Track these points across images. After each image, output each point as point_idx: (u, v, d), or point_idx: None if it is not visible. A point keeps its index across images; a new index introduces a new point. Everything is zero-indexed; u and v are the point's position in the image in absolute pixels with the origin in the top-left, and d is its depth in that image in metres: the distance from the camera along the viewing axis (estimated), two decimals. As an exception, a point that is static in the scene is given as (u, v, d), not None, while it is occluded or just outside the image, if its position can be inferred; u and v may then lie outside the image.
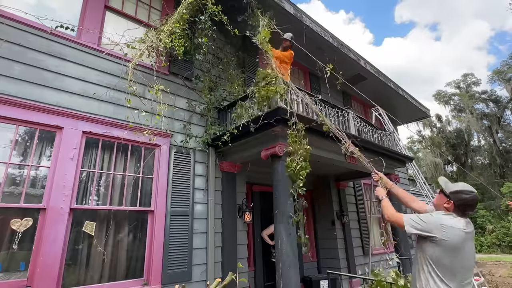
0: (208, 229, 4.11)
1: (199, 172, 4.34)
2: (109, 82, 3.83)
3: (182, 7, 3.95)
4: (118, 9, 4.33)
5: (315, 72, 7.63)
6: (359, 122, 5.40)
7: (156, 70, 4.36)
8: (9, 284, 2.66)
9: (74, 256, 3.14)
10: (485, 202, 24.24)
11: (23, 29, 3.32)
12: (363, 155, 3.49)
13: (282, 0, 5.65)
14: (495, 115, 28.91)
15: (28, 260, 2.82)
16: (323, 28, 6.64)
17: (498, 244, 18.12)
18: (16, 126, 3.04)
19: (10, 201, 2.86)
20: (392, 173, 6.15)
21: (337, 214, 6.69)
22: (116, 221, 3.54)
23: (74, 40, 3.67)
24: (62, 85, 3.42)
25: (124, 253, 3.51)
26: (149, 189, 3.84)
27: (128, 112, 3.88)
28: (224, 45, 5.60)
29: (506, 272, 10.53)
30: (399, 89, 9.57)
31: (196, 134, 4.50)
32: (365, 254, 7.11)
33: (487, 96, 29.77)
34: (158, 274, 3.51)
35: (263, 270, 5.46)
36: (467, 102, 29.60)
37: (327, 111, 4.66)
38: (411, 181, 12.56)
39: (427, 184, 7.89)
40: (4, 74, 3.05)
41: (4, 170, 2.89)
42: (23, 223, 2.84)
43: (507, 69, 27.91)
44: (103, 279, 3.26)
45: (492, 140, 28.25)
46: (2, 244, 2.77)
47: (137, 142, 3.85)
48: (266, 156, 3.79)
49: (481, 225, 20.08)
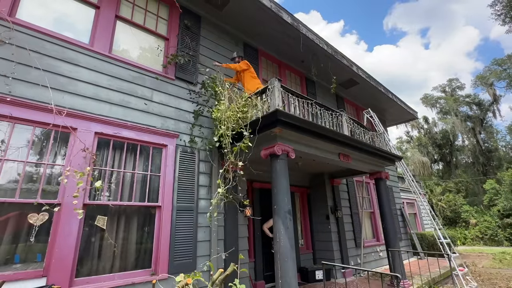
0: (211, 223, 4.11)
1: (203, 170, 4.34)
2: (119, 86, 3.83)
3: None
4: (127, 19, 4.33)
5: (310, 77, 7.64)
6: (351, 123, 5.40)
7: (163, 75, 4.38)
8: (26, 274, 2.66)
9: (87, 248, 3.14)
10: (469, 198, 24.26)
11: (40, 37, 3.32)
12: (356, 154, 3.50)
13: (280, 11, 5.65)
14: (478, 117, 28.94)
15: (44, 252, 2.83)
16: (318, 36, 6.64)
17: (481, 237, 18.11)
18: (33, 128, 3.05)
19: (28, 197, 2.86)
20: (383, 171, 6.16)
21: (331, 209, 6.70)
22: (126, 216, 3.55)
23: (86, 47, 3.67)
24: (75, 89, 3.42)
25: (133, 245, 3.51)
26: (156, 186, 3.84)
27: (137, 114, 3.89)
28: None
29: (488, 263, 10.54)
30: (389, 93, 9.58)
31: (199, 134, 4.50)
32: (357, 246, 7.12)
33: (471, 100, 29.79)
34: (165, 264, 3.52)
35: (263, 261, 5.46)
36: (452, 105, 29.63)
37: (322, 113, 4.66)
38: (400, 178, 12.57)
39: (415, 181, 7.89)
40: (22, 79, 3.06)
41: (22, 168, 2.90)
42: (40, 217, 2.84)
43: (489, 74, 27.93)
44: (114, 269, 3.26)
45: (475, 140, 28.27)
46: (20, 237, 2.78)
47: (145, 142, 3.86)
48: (265, 155, 3.80)
49: (465, 219, 20.08)
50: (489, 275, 8.10)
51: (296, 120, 3.77)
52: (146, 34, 4.55)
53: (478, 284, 6.80)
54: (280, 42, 6.43)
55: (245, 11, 5.45)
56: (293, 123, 3.75)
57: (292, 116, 3.72)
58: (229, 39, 5.76)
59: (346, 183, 7.67)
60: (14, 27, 3.14)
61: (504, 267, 9.67)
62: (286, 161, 3.75)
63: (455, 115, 29.22)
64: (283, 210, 3.45)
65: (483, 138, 28.74)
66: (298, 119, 3.81)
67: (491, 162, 27.77)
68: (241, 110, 4.00)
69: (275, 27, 5.95)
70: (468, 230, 19.14)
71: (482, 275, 8.10)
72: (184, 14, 4.97)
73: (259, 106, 3.88)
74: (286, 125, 3.69)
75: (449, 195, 22.72)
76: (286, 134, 3.83)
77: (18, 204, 2.80)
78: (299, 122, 3.83)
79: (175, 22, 4.85)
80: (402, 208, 10.42)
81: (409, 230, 10.14)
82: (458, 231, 19.03)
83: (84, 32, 3.84)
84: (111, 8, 4.13)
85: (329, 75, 7.37)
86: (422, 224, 12.81)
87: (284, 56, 7.01)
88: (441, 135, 30.22)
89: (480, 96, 29.54)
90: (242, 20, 5.69)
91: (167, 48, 4.68)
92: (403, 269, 5.38)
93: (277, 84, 3.87)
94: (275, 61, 6.95)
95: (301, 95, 4.38)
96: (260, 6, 5.35)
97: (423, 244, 10.06)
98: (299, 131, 3.88)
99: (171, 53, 4.58)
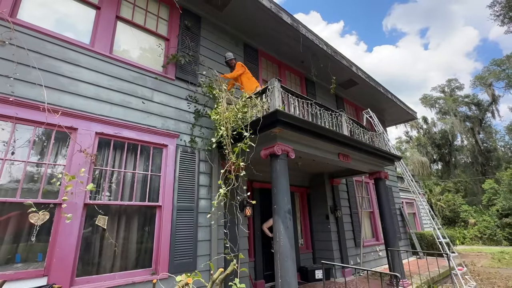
0: (211, 222, 4.11)
1: (203, 170, 4.34)
2: (119, 86, 3.83)
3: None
4: (128, 19, 4.33)
5: (310, 78, 7.63)
6: (351, 123, 5.39)
7: (163, 76, 4.37)
8: (27, 273, 2.66)
9: (87, 247, 3.14)
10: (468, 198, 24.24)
11: (41, 37, 3.32)
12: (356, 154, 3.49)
13: (280, 11, 5.65)
14: (477, 117, 28.92)
15: (45, 252, 2.82)
16: (318, 36, 6.63)
17: (480, 237, 18.09)
18: (34, 128, 3.04)
19: (29, 197, 2.85)
20: (382, 170, 6.15)
21: (331, 208, 6.69)
22: (126, 215, 3.54)
23: (87, 48, 3.66)
24: (76, 89, 3.42)
25: (134, 244, 3.50)
26: (157, 185, 3.84)
27: (138, 114, 3.89)
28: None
29: (487, 262, 10.53)
30: (388, 93, 9.57)
31: (199, 134, 4.50)
32: (357, 246, 7.11)
33: (470, 100, 29.76)
34: (165, 264, 3.51)
35: (263, 260, 5.46)
36: (451, 105, 29.62)
37: (321, 113, 4.66)
38: (400, 178, 12.56)
39: (414, 181, 7.88)
40: (23, 80, 3.05)
41: (23, 168, 2.89)
42: (41, 217, 2.83)
43: (488, 74, 27.91)
44: (115, 268, 3.25)
45: (474, 140, 28.25)
46: (21, 237, 2.77)
47: (146, 142, 3.85)
48: (265, 155, 3.79)
49: (464, 219, 20.06)
50: (488, 275, 8.09)
51: (296, 120, 3.76)
52: (147, 35, 4.54)
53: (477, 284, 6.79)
54: (280, 42, 6.42)
55: (245, 11, 5.44)
56: (293, 123, 3.74)
57: (292, 116, 3.71)
58: (229, 40, 5.75)
59: (345, 183, 7.66)
60: (15, 27, 3.14)
61: (503, 266, 9.66)
62: (286, 161, 3.74)
63: (454, 115, 29.20)
64: (283, 209, 3.44)
65: (482, 138, 28.72)
66: (298, 119, 3.80)
67: (490, 162, 27.75)
68: (241, 111, 3.99)
69: (275, 28, 5.95)
70: (467, 230, 19.12)
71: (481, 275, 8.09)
72: (184, 14, 4.96)
73: (259, 106, 3.87)
74: (286, 125, 3.68)
75: (448, 195, 22.70)
76: (286, 134, 3.82)
77: (19, 204, 2.79)
78: (299, 122, 3.82)
79: (175, 23, 4.85)
80: (401, 208, 10.41)
81: (408, 229, 10.13)
82: (457, 231, 19.01)
83: (85, 32, 3.83)
84: (112, 9, 4.12)
85: (328, 76, 7.36)
86: (421, 224, 12.80)
87: (284, 57, 7.01)
88: (440, 135, 30.21)
89: (479, 97, 29.57)
90: (242, 20, 5.68)
91: (167, 49, 4.67)
92: (402, 269, 5.37)
93: (277, 85, 3.87)
94: (275, 61, 6.94)
95: (301, 95, 4.37)
96: (260, 7, 5.35)
97: (422, 243, 10.05)
98: (299, 131, 3.88)
99: (172, 53, 4.58)
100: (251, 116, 3.92)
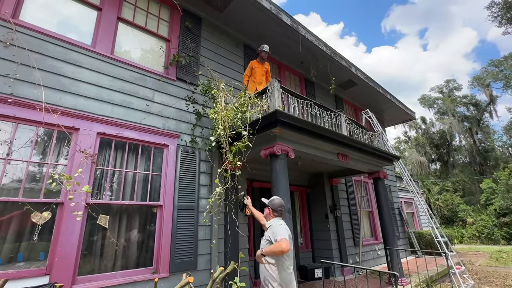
0: (212, 222, 4.11)
1: (203, 170, 4.34)
2: (120, 87, 3.83)
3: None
4: (129, 20, 4.33)
5: (310, 78, 7.64)
6: (350, 124, 5.39)
7: (164, 76, 4.37)
8: (30, 272, 2.66)
9: (89, 246, 3.14)
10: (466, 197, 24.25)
11: (42, 38, 3.32)
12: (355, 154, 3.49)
13: (279, 12, 5.65)
14: (475, 117, 28.93)
15: (47, 250, 2.82)
16: (318, 37, 6.64)
17: (478, 236, 18.10)
18: (36, 128, 3.04)
19: (31, 196, 2.86)
20: (381, 170, 6.15)
21: (330, 208, 6.69)
22: (128, 215, 3.55)
23: (89, 49, 3.66)
24: (78, 90, 3.42)
25: (135, 244, 3.51)
26: (158, 185, 3.84)
27: (139, 114, 3.89)
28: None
29: (485, 261, 10.54)
30: (387, 94, 9.58)
31: (200, 134, 4.50)
32: (356, 245, 7.11)
33: (468, 100, 29.78)
34: (166, 263, 3.52)
35: (263, 259, 5.45)
36: (449, 105, 29.63)
37: (321, 114, 4.66)
38: (398, 178, 12.57)
39: (413, 180, 7.89)
40: (25, 80, 3.05)
41: (25, 168, 2.89)
42: (43, 216, 2.84)
43: (486, 75, 27.92)
44: (116, 267, 3.26)
45: (472, 140, 28.26)
46: (24, 236, 2.78)
47: (147, 142, 3.86)
48: (265, 155, 3.79)
49: (462, 218, 20.06)
50: (486, 273, 8.10)
51: (295, 120, 3.77)
52: (148, 36, 4.55)
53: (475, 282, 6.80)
54: (280, 43, 6.43)
55: (245, 13, 5.45)
56: (293, 124, 3.74)
57: (291, 116, 3.72)
58: (229, 41, 5.75)
59: (345, 182, 7.67)
60: (17, 28, 3.14)
61: (501, 265, 9.67)
62: (286, 161, 3.75)
63: (452, 115, 29.21)
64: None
65: (480, 138, 28.73)
66: (297, 119, 3.80)
67: (487, 161, 27.76)
68: (240, 110, 3.98)
69: (275, 29, 5.95)
70: (465, 229, 19.13)
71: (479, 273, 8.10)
72: (185, 15, 4.97)
73: (259, 106, 3.87)
74: (286, 125, 3.69)
75: (446, 194, 22.72)
76: (286, 134, 3.82)
77: (21, 203, 2.79)
78: (299, 123, 3.82)
79: (176, 24, 4.85)
80: (400, 207, 10.42)
81: (407, 229, 10.14)
82: (455, 230, 19.02)
83: (87, 33, 3.83)
84: (113, 10, 4.12)
85: (328, 76, 7.37)
86: (419, 223, 12.80)
87: (283, 57, 7.01)
88: (439, 135, 30.21)
89: (477, 97, 29.57)
90: (242, 21, 5.69)
91: (168, 50, 4.67)
92: (401, 267, 5.38)
93: (276, 85, 3.87)
94: (275, 62, 6.95)
95: (301, 96, 4.38)
96: (260, 8, 5.35)
97: (421, 242, 10.06)
98: (298, 131, 3.88)
99: (173, 54, 4.58)
100: (250, 116, 3.92)
